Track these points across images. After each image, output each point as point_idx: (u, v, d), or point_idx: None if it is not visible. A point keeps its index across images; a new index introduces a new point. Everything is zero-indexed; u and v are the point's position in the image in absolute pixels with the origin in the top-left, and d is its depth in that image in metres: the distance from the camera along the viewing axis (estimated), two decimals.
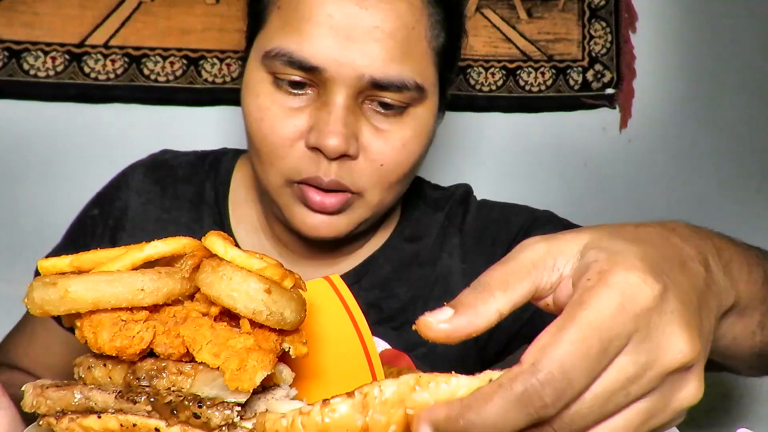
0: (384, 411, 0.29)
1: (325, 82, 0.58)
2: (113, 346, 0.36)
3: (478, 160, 1.20)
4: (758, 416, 1.23)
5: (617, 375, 0.29)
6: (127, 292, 0.36)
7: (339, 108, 0.58)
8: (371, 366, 0.52)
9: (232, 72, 1.13)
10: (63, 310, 0.36)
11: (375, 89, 0.59)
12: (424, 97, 0.62)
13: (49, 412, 0.38)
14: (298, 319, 0.39)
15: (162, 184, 0.75)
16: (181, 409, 0.36)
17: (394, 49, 0.58)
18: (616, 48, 1.21)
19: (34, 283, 0.37)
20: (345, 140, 0.58)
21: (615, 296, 0.29)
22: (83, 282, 0.36)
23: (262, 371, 0.36)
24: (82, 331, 0.37)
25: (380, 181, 0.62)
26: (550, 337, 0.28)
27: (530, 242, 0.34)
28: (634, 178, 1.23)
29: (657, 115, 1.23)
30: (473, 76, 1.17)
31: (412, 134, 0.62)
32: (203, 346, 0.37)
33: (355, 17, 0.57)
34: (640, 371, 0.29)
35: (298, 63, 0.57)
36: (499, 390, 0.28)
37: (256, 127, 0.61)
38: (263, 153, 0.62)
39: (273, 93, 0.60)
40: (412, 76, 0.59)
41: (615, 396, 0.29)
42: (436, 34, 0.62)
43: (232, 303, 0.37)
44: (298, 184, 0.61)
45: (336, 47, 0.57)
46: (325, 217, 0.62)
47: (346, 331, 0.52)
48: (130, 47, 1.10)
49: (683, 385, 0.31)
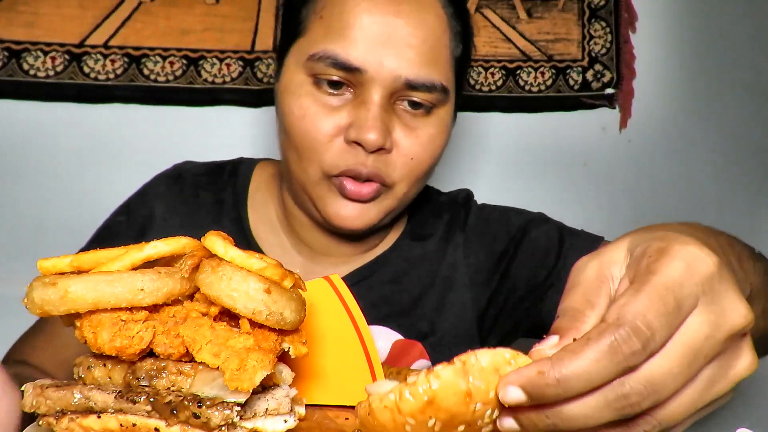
0: (483, 378, 0.32)
1: (364, 83, 0.64)
2: (113, 346, 0.36)
3: (479, 159, 1.20)
4: (758, 416, 1.23)
5: (695, 333, 0.31)
6: (127, 292, 0.36)
7: (376, 106, 0.64)
8: (371, 365, 0.52)
9: (232, 72, 1.13)
10: (63, 310, 0.36)
11: (408, 90, 0.65)
12: (448, 99, 0.69)
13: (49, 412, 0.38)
14: (298, 319, 0.39)
15: (184, 192, 0.80)
16: (180, 409, 0.36)
17: (425, 54, 0.65)
18: (616, 48, 1.21)
19: (34, 283, 0.37)
20: (382, 135, 0.64)
21: (680, 263, 0.32)
22: (83, 282, 0.36)
23: (262, 371, 0.36)
24: (81, 331, 0.37)
25: (409, 173, 0.68)
26: (628, 298, 0.31)
27: (582, 263, 0.37)
28: (634, 178, 1.23)
29: (657, 115, 1.23)
30: (473, 76, 1.17)
31: (436, 132, 0.69)
32: (203, 346, 0.37)
33: (392, 26, 0.64)
34: (713, 331, 0.31)
35: (342, 64, 0.64)
36: (588, 342, 0.30)
37: (297, 124, 0.66)
38: (303, 149, 0.67)
39: (313, 93, 0.66)
40: (439, 79, 0.66)
41: (696, 357, 0.31)
42: (456, 45, 0.69)
43: (231, 303, 0.37)
44: (336, 177, 0.67)
45: (376, 51, 0.63)
46: (358, 206, 0.68)
47: (345, 331, 0.52)
48: (130, 47, 1.10)
49: (740, 354, 0.34)
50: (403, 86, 0.65)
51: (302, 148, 0.67)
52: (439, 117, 0.69)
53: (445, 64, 0.68)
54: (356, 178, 0.66)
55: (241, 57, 1.13)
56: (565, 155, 1.21)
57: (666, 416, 0.32)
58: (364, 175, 0.66)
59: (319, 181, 0.68)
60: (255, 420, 0.39)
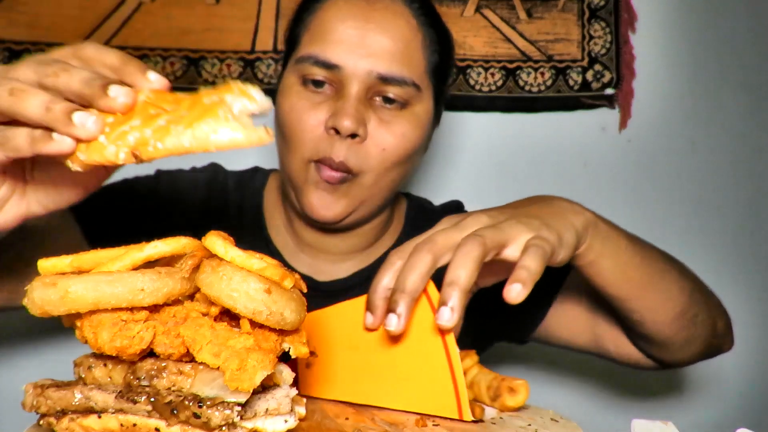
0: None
1: (343, 79, 0.73)
2: (113, 346, 0.36)
3: (478, 160, 1.20)
4: (758, 417, 1.23)
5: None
6: (127, 292, 0.36)
7: (353, 98, 0.73)
8: (451, 366, 0.52)
9: (232, 72, 1.13)
10: (63, 311, 0.36)
11: (382, 84, 0.74)
12: (421, 97, 0.77)
13: (50, 412, 0.38)
14: (298, 319, 0.39)
15: (216, 192, 0.89)
16: (181, 409, 0.36)
17: (396, 53, 0.74)
18: (615, 48, 1.21)
19: (34, 284, 0.37)
20: (357, 121, 0.72)
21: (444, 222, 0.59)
22: (83, 282, 0.36)
23: (262, 371, 0.36)
24: (82, 331, 0.37)
25: (379, 165, 0.76)
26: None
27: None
28: (634, 178, 1.23)
29: (657, 115, 1.23)
30: (473, 76, 1.17)
31: (410, 126, 0.76)
32: (203, 346, 0.37)
33: (365, 29, 0.74)
34: (454, 227, 0.56)
35: (323, 62, 0.73)
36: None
37: (286, 118, 0.76)
38: (291, 140, 0.76)
39: (300, 92, 0.75)
40: (410, 76, 0.75)
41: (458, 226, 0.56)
42: (431, 51, 0.78)
43: (232, 303, 0.37)
44: (315, 162, 0.75)
45: (351, 51, 0.73)
46: (327, 196, 0.76)
47: (430, 334, 0.52)
48: (130, 47, 1.10)
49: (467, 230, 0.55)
50: (376, 81, 0.73)
51: (290, 139, 0.76)
52: (413, 113, 0.77)
53: (418, 65, 0.76)
54: (330, 165, 0.74)
55: (241, 57, 1.13)
56: (565, 155, 1.21)
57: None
58: (336, 163, 0.73)
59: (301, 168, 0.76)
60: (255, 420, 0.39)
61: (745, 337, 0.96)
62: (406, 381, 0.53)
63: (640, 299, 0.68)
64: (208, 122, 0.40)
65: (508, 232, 0.54)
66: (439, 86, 0.81)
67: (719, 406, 1.23)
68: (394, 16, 0.75)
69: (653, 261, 0.68)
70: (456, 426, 0.51)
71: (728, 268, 1.21)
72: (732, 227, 1.25)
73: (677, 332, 0.72)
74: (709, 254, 1.19)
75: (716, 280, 0.80)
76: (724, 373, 1.22)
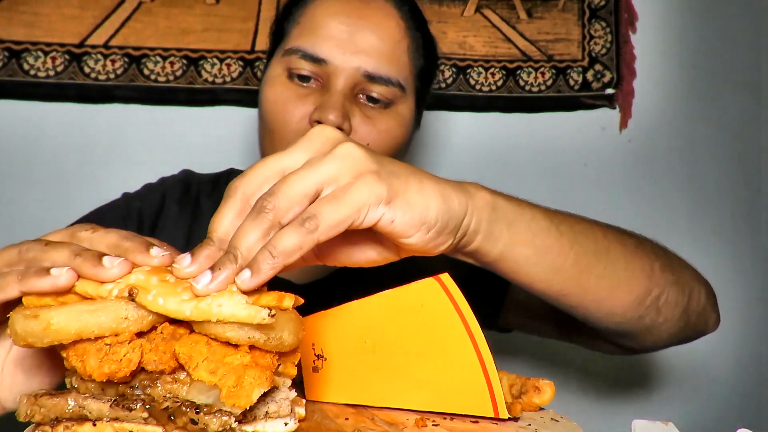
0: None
1: (329, 74, 0.73)
2: (102, 372, 0.36)
3: (478, 160, 1.20)
4: (758, 416, 1.23)
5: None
6: (111, 320, 0.36)
7: (338, 93, 0.73)
8: (485, 369, 0.48)
9: (232, 72, 1.13)
10: (47, 342, 0.35)
11: (367, 82, 0.74)
12: (405, 98, 0.77)
13: (44, 420, 0.37)
14: (296, 340, 0.38)
15: (191, 198, 0.88)
16: (178, 415, 0.36)
17: (383, 53, 0.74)
18: (616, 48, 1.21)
19: (15, 316, 0.36)
20: (341, 115, 0.71)
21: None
22: (66, 313, 0.35)
23: (259, 388, 0.35)
24: (69, 360, 0.37)
25: None
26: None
27: None
28: (634, 178, 1.23)
29: (657, 115, 1.23)
30: (473, 76, 1.17)
31: (394, 124, 0.76)
32: (199, 364, 0.36)
33: (355, 27, 0.73)
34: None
35: (311, 56, 0.73)
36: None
37: (271, 109, 0.75)
38: (275, 131, 0.75)
39: (286, 83, 0.75)
40: (396, 76, 0.75)
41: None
42: (417, 55, 0.78)
43: (228, 337, 0.36)
44: None
45: (340, 47, 0.73)
46: None
47: (456, 333, 0.49)
48: (130, 47, 1.10)
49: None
50: (363, 78, 0.73)
51: (274, 131, 0.75)
52: (397, 112, 0.77)
53: (404, 66, 0.76)
54: None
55: (241, 57, 1.13)
56: (565, 155, 1.21)
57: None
58: None
59: None
60: (255, 423, 0.38)
61: (745, 337, 0.96)
62: (431, 380, 0.51)
63: (580, 293, 0.57)
64: (214, 295, 0.37)
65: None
66: (422, 90, 0.81)
67: (719, 406, 1.23)
68: (384, 17, 0.76)
69: (591, 242, 0.57)
70: (456, 426, 0.51)
71: (728, 268, 1.21)
72: (732, 227, 1.25)
73: (636, 321, 0.62)
74: (708, 254, 1.19)
75: (716, 280, 0.80)
76: (724, 373, 1.22)
